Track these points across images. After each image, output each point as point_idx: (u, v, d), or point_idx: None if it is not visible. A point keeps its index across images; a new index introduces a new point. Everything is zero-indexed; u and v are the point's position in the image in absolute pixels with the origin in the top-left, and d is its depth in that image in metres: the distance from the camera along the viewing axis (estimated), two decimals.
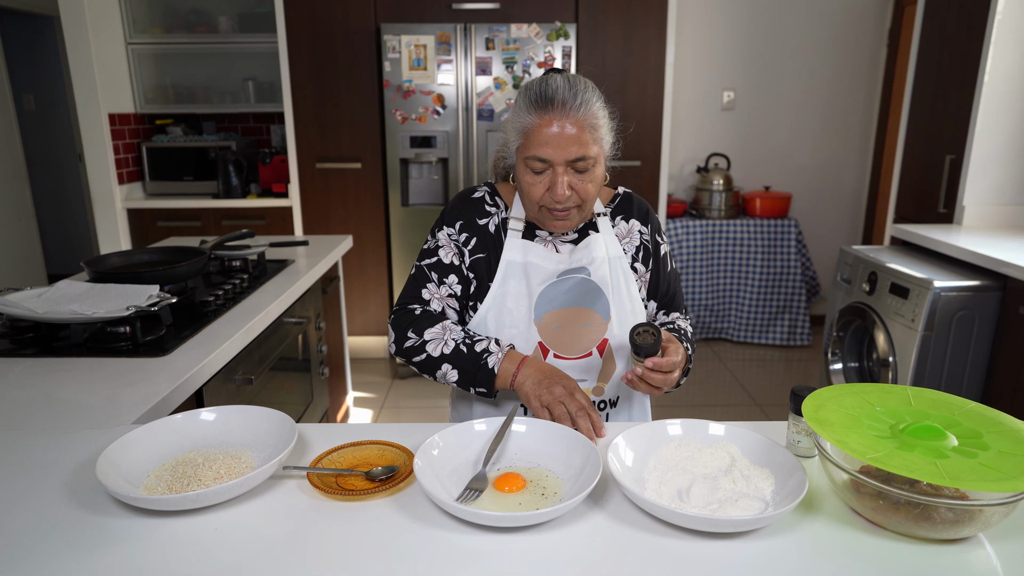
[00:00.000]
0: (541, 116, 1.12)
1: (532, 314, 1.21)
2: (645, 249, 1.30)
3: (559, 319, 1.22)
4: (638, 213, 1.31)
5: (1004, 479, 0.74)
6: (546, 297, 1.22)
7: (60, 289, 1.55)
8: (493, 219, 1.26)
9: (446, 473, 0.92)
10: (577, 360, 1.23)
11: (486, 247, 1.25)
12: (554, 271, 1.23)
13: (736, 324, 4.08)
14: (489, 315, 1.23)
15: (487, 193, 1.28)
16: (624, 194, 1.33)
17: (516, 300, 1.22)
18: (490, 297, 1.23)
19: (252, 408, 1.02)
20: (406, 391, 3.46)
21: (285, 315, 1.91)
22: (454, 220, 1.26)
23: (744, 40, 4.06)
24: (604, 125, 1.15)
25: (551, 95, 1.11)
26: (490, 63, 3.29)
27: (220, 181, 3.65)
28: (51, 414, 1.11)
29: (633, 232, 1.30)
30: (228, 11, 3.67)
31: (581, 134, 1.11)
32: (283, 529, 0.81)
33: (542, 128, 1.11)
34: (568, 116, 1.11)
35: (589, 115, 1.12)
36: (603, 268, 1.23)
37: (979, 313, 2.16)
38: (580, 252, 1.24)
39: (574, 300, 1.22)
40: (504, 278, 1.22)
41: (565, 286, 1.22)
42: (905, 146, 3.11)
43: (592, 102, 1.13)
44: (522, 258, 1.23)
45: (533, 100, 1.13)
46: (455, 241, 1.25)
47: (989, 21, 2.56)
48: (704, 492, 0.87)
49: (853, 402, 0.93)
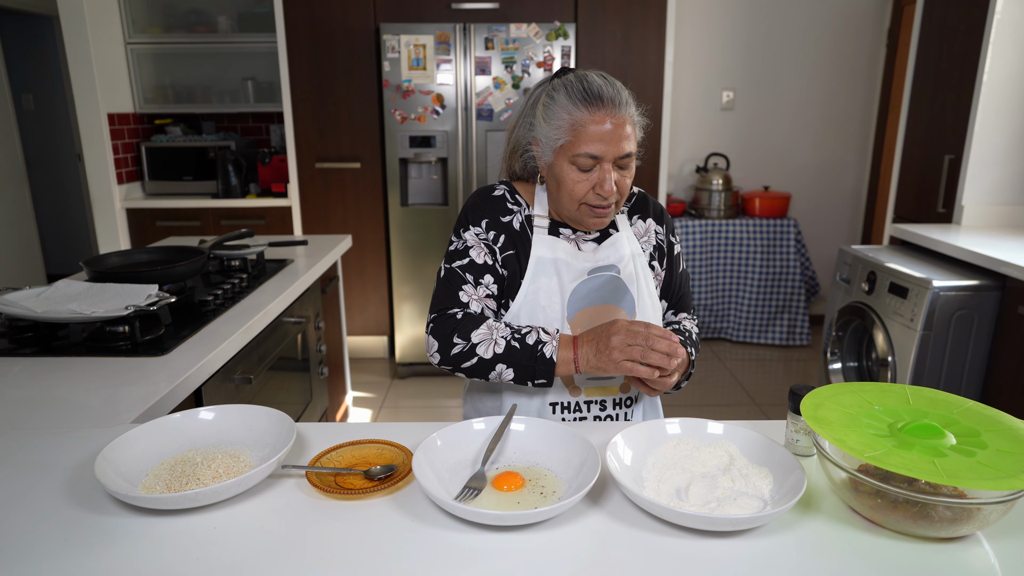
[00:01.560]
0: (593, 113, 1.12)
1: (565, 311, 1.21)
2: (660, 249, 1.31)
3: (590, 316, 1.22)
4: (654, 213, 1.33)
5: (1002, 477, 0.74)
6: (578, 294, 1.22)
7: (59, 288, 1.55)
8: (517, 216, 1.25)
9: (445, 472, 0.92)
10: None
11: (514, 244, 1.24)
12: (583, 268, 1.23)
13: (735, 324, 4.09)
14: (522, 312, 1.22)
15: (507, 191, 1.27)
16: (640, 194, 1.34)
17: (548, 297, 1.21)
18: (522, 294, 1.22)
19: (251, 407, 1.02)
20: (405, 391, 3.46)
21: (284, 315, 1.91)
22: (479, 218, 1.24)
23: (743, 40, 4.06)
24: (639, 122, 1.18)
25: (599, 92, 1.12)
26: (489, 63, 3.29)
27: (219, 181, 3.65)
28: (50, 413, 1.11)
29: (651, 231, 1.31)
30: (227, 11, 3.66)
31: (630, 131, 1.14)
32: (282, 528, 0.81)
33: (593, 124, 1.12)
34: (617, 112, 1.12)
35: (632, 112, 1.15)
36: (630, 266, 1.25)
37: (978, 312, 2.16)
38: (606, 250, 1.24)
39: (604, 297, 1.22)
40: (535, 275, 1.22)
41: (597, 283, 1.23)
42: (904, 146, 3.11)
43: (631, 99, 1.16)
44: (551, 255, 1.22)
45: (580, 97, 1.12)
46: (484, 240, 1.23)
47: (988, 21, 2.56)
48: (703, 491, 0.87)
49: (852, 401, 0.93)
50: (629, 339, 1.06)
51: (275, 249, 2.35)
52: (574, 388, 1.24)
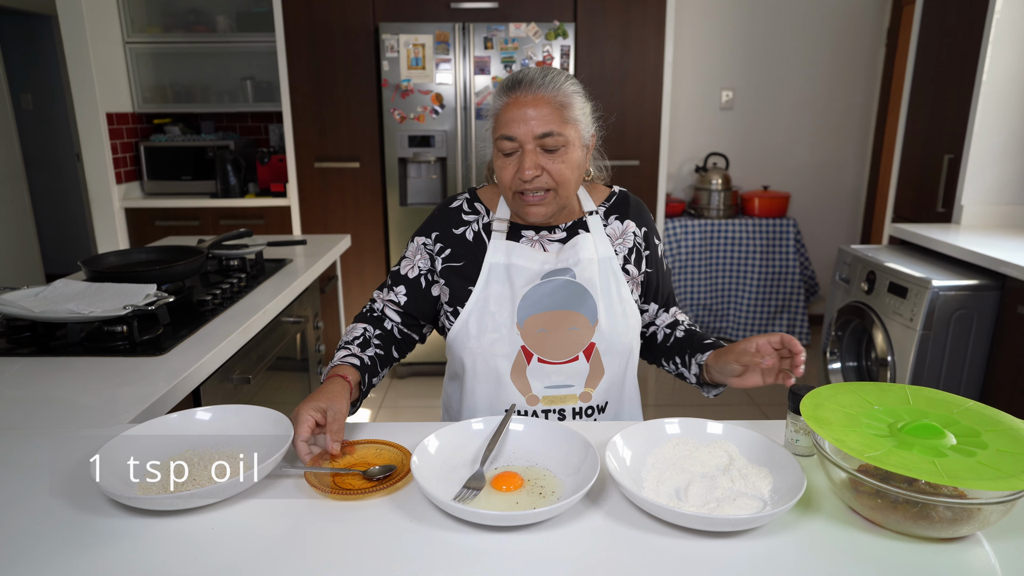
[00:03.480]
0: (511, 96, 1.12)
1: (515, 317, 1.19)
2: (638, 251, 1.27)
3: (543, 322, 1.19)
4: (633, 213, 1.29)
5: (1002, 478, 0.74)
6: (529, 300, 1.19)
7: (57, 288, 1.55)
8: (471, 227, 1.25)
9: (444, 472, 0.92)
10: (562, 365, 1.20)
11: (464, 255, 1.24)
12: (539, 272, 1.20)
13: (735, 324, 4.08)
14: (471, 319, 1.21)
15: (465, 201, 1.28)
16: (620, 193, 1.31)
17: (499, 303, 1.19)
18: (472, 301, 1.21)
19: (248, 408, 1.02)
20: (404, 391, 3.45)
21: (283, 314, 1.91)
22: (431, 230, 1.27)
23: (743, 39, 4.06)
24: (578, 107, 1.14)
25: (519, 77, 1.13)
26: (488, 62, 3.29)
27: (218, 180, 3.64)
28: (48, 413, 1.11)
29: (627, 233, 1.27)
30: (226, 10, 3.66)
31: (548, 111, 1.10)
32: (280, 529, 0.81)
33: (511, 106, 1.12)
34: (535, 93, 1.11)
35: (559, 94, 1.12)
36: (590, 269, 1.20)
37: (977, 312, 2.16)
38: (567, 252, 1.21)
39: (559, 303, 1.19)
40: (487, 281, 1.21)
41: (549, 288, 1.19)
42: (904, 145, 3.11)
43: (562, 83, 1.12)
44: (505, 260, 1.21)
45: (504, 86, 1.14)
46: (429, 251, 1.26)
47: (988, 20, 2.56)
48: (702, 491, 0.87)
49: (851, 401, 0.93)
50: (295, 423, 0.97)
51: (274, 249, 2.35)
52: (532, 396, 1.21)
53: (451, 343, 1.25)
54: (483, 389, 1.22)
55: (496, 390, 1.21)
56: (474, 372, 1.22)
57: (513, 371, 1.20)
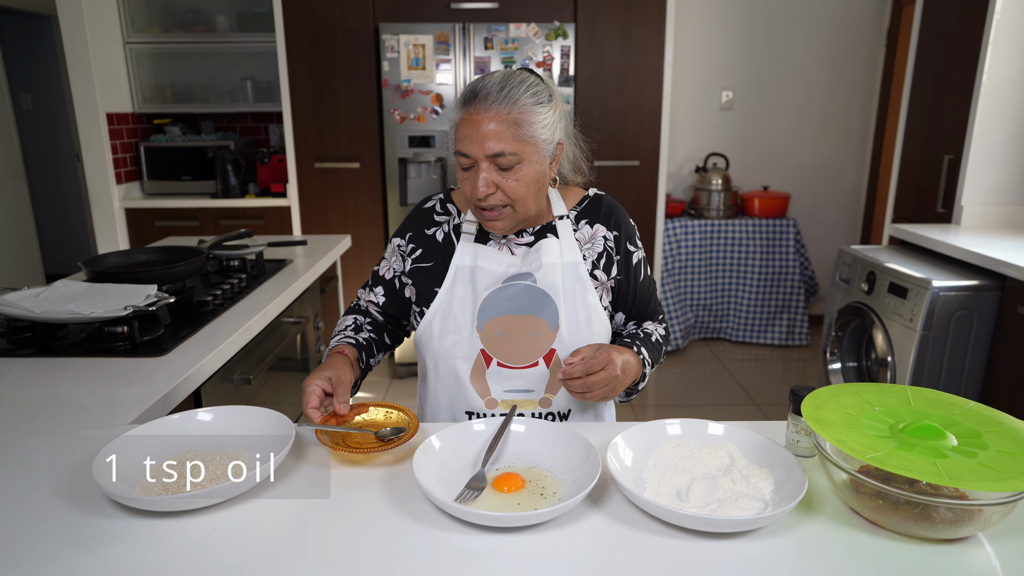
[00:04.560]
0: (465, 111, 1.10)
1: (475, 320, 1.18)
2: (608, 256, 1.23)
3: (503, 327, 1.17)
4: (604, 217, 1.25)
5: (1003, 479, 0.74)
6: (490, 303, 1.17)
7: (58, 289, 1.55)
8: (442, 227, 1.25)
9: (445, 473, 0.92)
10: (522, 370, 1.18)
11: (433, 256, 1.24)
12: (502, 275, 1.19)
13: (734, 324, 4.09)
14: (435, 320, 1.21)
15: (439, 202, 1.28)
16: (593, 197, 1.27)
17: (461, 306, 1.19)
18: (436, 302, 1.21)
19: (249, 408, 1.02)
20: (405, 391, 3.45)
21: (283, 315, 1.91)
22: (406, 231, 1.28)
23: (743, 40, 4.06)
24: (538, 121, 1.09)
25: (474, 88, 1.09)
26: (489, 63, 3.29)
27: (218, 181, 3.64)
28: (48, 414, 1.11)
29: (596, 238, 1.23)
30: (226, 10, 3.66)
31: (501, 129, 1.07)
32: (281, 529, 0.81)
33: (464, 123, 1.10)
34: (489, 110, 1.07)
35: (514, 110, 1.07)
36: (552, 274, 1.17)
37: (977, 313, 2.16)
38: (531, 256, 1.19)
39: (519, 307, 1.17)
40: (453, 283, 1.20)
41: (509, 292, 1.17)
42: (903, 146, 3.11)
43: (519, 95, 1.07)
44: (472, 262, 1.20)
45: (462, 96, 1.11)
46: (402, 252, 1.28)
47: (987, 21, 2.56)
48: (703, 492, 0.87)
49: (852, 402, 0.93)
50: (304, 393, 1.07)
51: (274, 249, 2.35)
52: (490, 400, 1.20)
53: (416, 343, 1.27)
54: (444, 390, 1.23)
55: (456, 392, 1.21)
56: (436, 373, 1.23)
57: (472, 374, 1.19)
